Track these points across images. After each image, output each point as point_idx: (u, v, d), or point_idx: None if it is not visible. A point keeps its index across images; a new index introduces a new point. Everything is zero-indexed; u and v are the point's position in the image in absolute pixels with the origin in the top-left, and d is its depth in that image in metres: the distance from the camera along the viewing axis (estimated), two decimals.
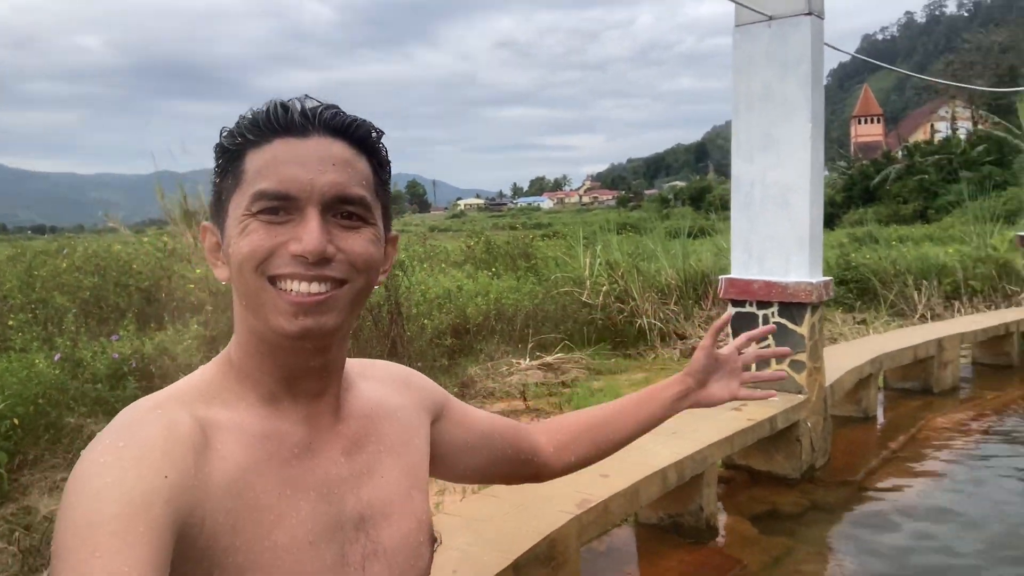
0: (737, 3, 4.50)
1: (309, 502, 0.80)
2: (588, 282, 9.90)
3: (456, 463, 1.09)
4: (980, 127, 32.00)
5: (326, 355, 0.83)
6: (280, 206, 0.77)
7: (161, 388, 0.81)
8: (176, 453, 0.71)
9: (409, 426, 0.96)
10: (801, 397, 4.29)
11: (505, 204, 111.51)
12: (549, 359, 8.44)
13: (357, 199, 0.80)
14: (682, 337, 9.51)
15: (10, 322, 6.82)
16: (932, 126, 40.66)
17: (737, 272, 4.72)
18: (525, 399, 6.91)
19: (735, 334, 4.73)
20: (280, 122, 0.79)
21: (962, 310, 9.99)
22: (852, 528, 3.72)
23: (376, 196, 0.84)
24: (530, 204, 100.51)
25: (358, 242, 0.80)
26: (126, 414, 0.75)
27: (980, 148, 28.69)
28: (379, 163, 0.85)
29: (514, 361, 8.33)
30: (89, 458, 0.70)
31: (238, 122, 0.81)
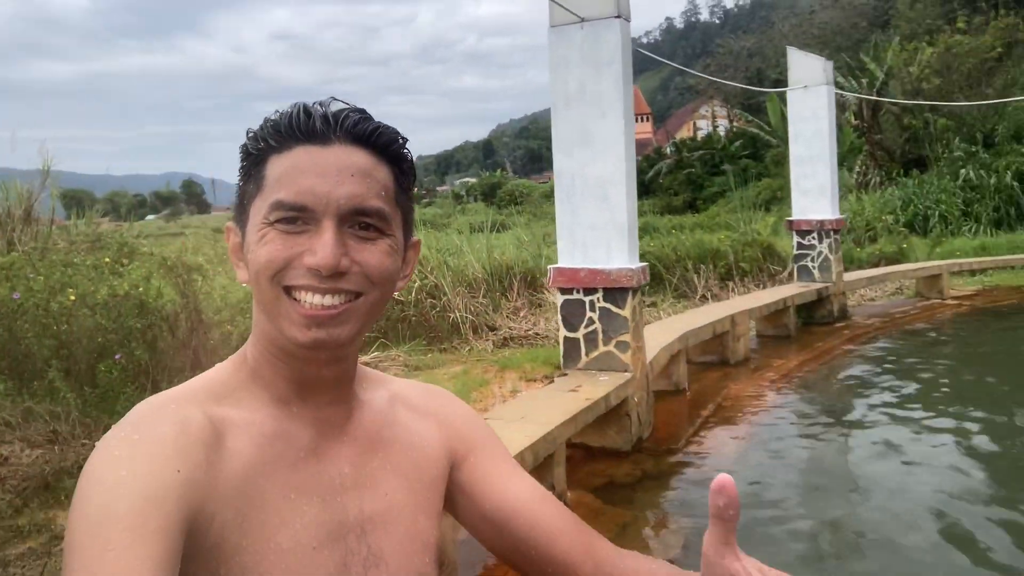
0: (552, 2, 4.67)
1: (313, 507, 0.80)
2: None
3: (468, 524, 0.98)
4: (736, 125, 35.55)
5: (339, 365, 0.84)
6: (297, 216, 0.77)
7: None
8: (188, 449, 0.72)
9: (426, 456, 0.92)
10: (627, 375, 4.57)
11: None
12: (366, 358, 8.31)
13: (374, 211, 0.79)
14: (493, 328, 9.73)
15: None
16: (695, 124, 44.54)
17: (564, 261, 4.92)
18: None
19: (565, 320, 4.95)
20: (302, 129, 0.78)
21: (736, 289, 11.04)
22: (682, 491, 4.04)
23: (396, 205, 0.84)
24: None
25: (374, 255, 0.80)
26: (139, 409, 0.75)
27: (737, 143, 31.85)
28: (401, 170, 0.85)
29: None
30: (103, 451, 0.70)
31: (262, 125, 0.80)
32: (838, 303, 8.53)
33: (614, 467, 4.31)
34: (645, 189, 34.49)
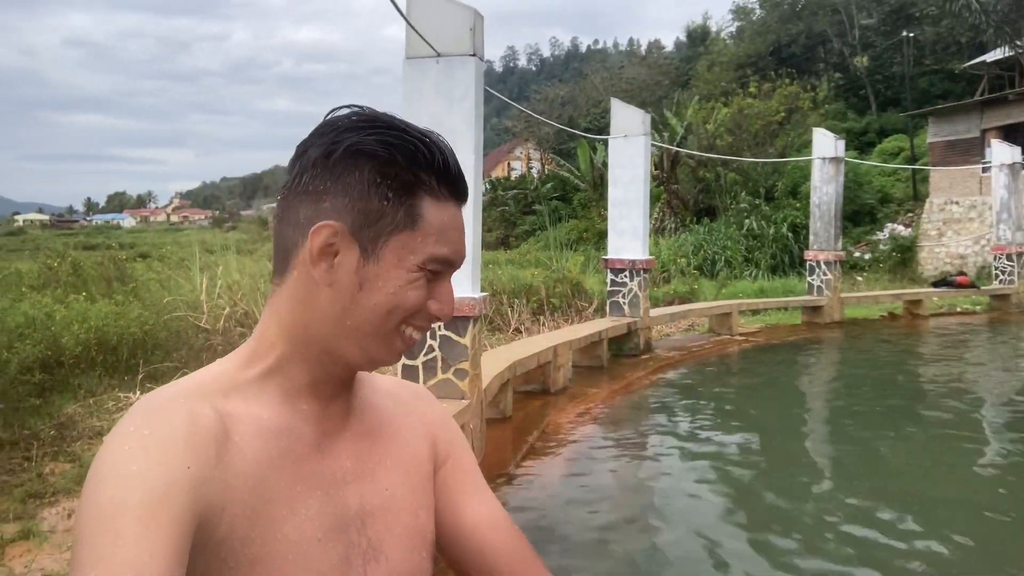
0: (409, 36, 4.67)
1: (317, 500, 0.81)
2: (206, 306, 9.28)
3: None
4: (548, 168, 37.12)
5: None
6: (440, 271, 0.83)
7: None
8: (199, 444, 0.73)
9: (421, 451, 0.95)
10: (465, 402, 4.57)
11: (77, 221, 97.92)
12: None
13: None
14: None
15: None
16: (509, 164, 45.97)
17: None
18: None
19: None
20: (457, 188, 0.84)
21: (547, 324, 11.43)
22: (514, 515, 4.08)
23: None
24: (108, 222, 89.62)
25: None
26: (148, 402, 0.76)
27: (549, 185, 33.24)
28: None
29: (122, 396, 7.46)
30: (115, 444, 0.71)
31: (419, 152, 0.80)
32: (644, 336, 9.07)
33: None
34: None
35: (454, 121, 4.73)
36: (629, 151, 9.14)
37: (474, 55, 4.75)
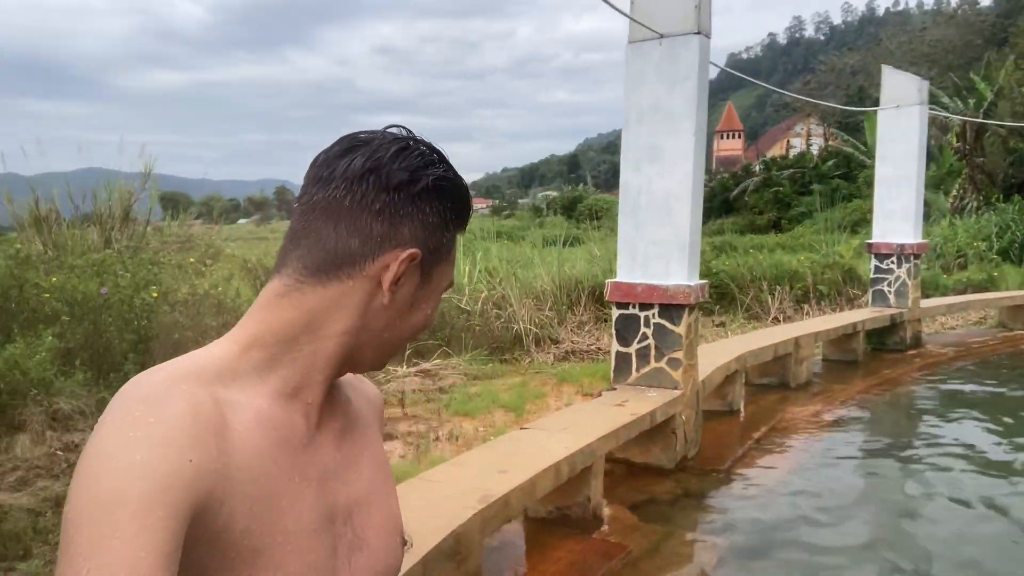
0: (631, 20, 4.70)
1: (312, 492, 0.82)
2: (467, 288, 9.95)
3: None
4: (831, 143, 34.50)
5: None
6: None
7: (8, 402, 0.78)
8: (201, 435, 0.72)
9: (379, 440, 1.00)
10: (677, 392, 4.52)
11: None
12: (427, 366, 8.43)
13: None
14: (556, 341, 9.74)
15: None
16: (788, 142, 43.43)
17: (622, 276, 4.93)
18: (403, 406, 6.88)
19: (618, 334, 4.93)
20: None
21: (811, 312, 10.71)
22: (722, 512, 3.98)
23: None
24: None
25: None
26: (147, 387, 0.74)
27: (830, 163, 30.89)
28: None
29: (391, 368, 8.28)
30: (116, 429, 0.70)
31: (466, 195, 0.88)
32: (912, 330, 8.18)
33: (655, 484, 4.29)
34: (729, 207, 33.83)
35: (674, 103, 4.66)
36: (901, 123, 8.27)
37: (699, 33, 4.64)
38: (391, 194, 0.81)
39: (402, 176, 0.81)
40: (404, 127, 0.87)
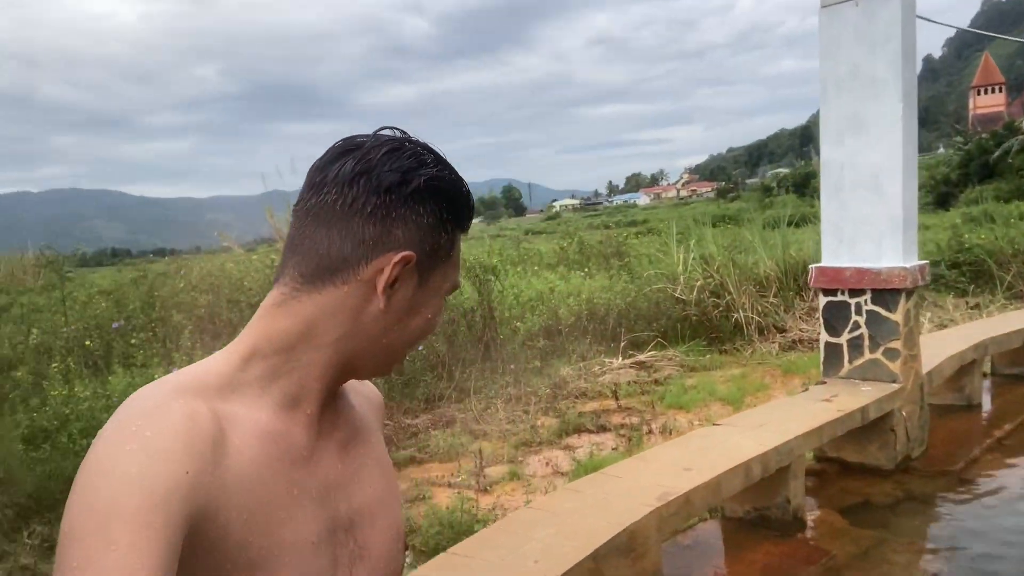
0: None
1: (312, 504, 0.82)
2: (682, 278, 9.75)
3: None
4: None
5: None
6: None
7: None
8: (197, 448, 0.72)
9: (380, 442, 0.99)
10: (895, 386, 4.15)
11: (600, 203, 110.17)
12: (642, 357, 8.39)
13: None
14: (781, 330, 9.26)
15: (132, 340, 7.36)
16: None
17: (828, 260, 4.62)
18: (617, 398, 6.91)
19: (826, 324, 4.62)
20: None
21: None
22: (948, 519, 3.62)
23: None
24: (626, 202, 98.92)
25: None
26: (147, 400, 0.75)
27: None
28: None
29: (606, 360, 8.32)
30: (113, 442, 0.71)
31: (464, 194, 0.86)
32: None
33: (871, 486, 3.98)
34: (989, 172, 30.04)
35: (876, 68, 4.28)
36: None
37: None
38: (382, 196, 0.80)
39: (393, 177, 0.80)
40: (398, 129, 0.86)
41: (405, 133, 0.85)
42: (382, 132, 0.84)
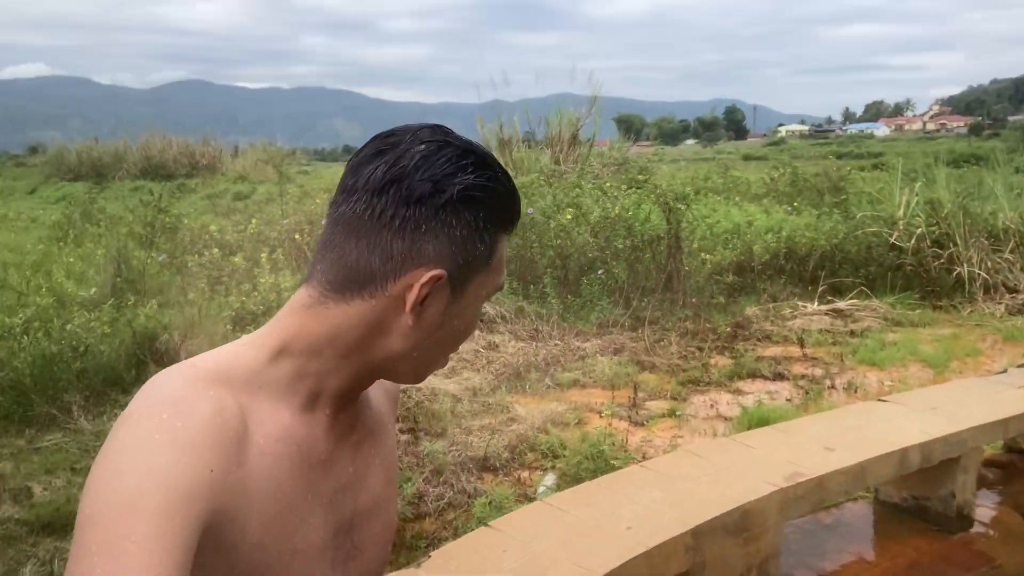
0: None
1: (323, 509, 0.82)
2: (901, 223, 8.85)
3: None
4: None
5: None
6: None
7: None
8: (224, 445, 0.72)
9: (392, 439, 0.97)
10: None
11: (833, 131, 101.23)
12: (841, 304, 7.80)
13: None
14: (1012, 291, 8.19)
15: None
16: None
17: None
18: (803, 345, 6.50)
19: None
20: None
21: None
22: None
23: None
24: (862, 131, 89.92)
25: None
26: (175, 387, 0.75)
27: None
28: None
29: (799, 304, 7.83)
30: (142, 428, 0.70)
31: (509, 191, 0.80)
32: None
33: None
34: None
35: None
36: None
37: None
38: (412, 207, 0.76)
39: (425, 187, 0.76)
40: (442, 126, 0.80)
41: (447, 131, 0.80)
42: (422, 131, 0.79)
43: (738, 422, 4.84)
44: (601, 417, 4.78)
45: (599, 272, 7.47)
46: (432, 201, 0.76)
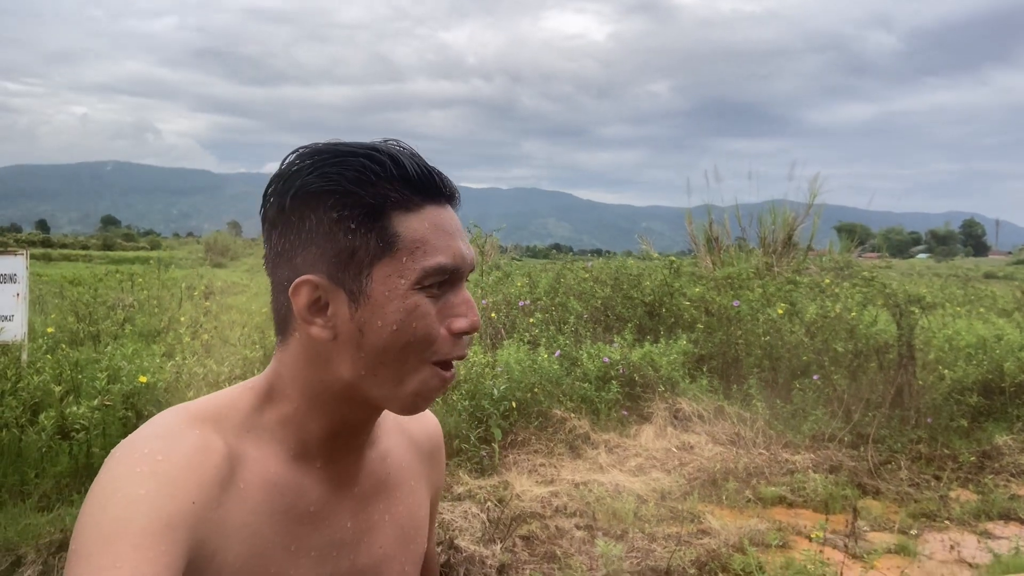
0: None
1: (309, 561, 0.79)
2: None
3: None
4: None
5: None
6: (445, 281, 0.76)
7: (641, 394, 0.69)
8: (205, 482, 0.71)
9: (419, 499, 0.92)
10: None
11: None
12: None
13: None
14: None
15: (531, 320, 7.77)
16: None
17: None
18: None
19: None
20: (430, 188, 0.76)
21: None
22: None
23: None
24: None
25: None
26: (165, 425, 0.75)
27: None
28: None
29: None
30: (125, 462, 0.70)
31: (369, 170, 0.74)
32: None
33: None
34: None
35: None
36: None
37: None
38: (276, 231, 0.76)
39: (275, 205, 0.75)
40: (319, 142, 0.77)
41: (320, 143, 0.77)
42: (289, 155, 0.77)
43: (988, 572, 3.93)
44: (811, 541, 4.06)
45: (814, 377, 6.67)
46: (281, 216, 0.75)
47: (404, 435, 0.92)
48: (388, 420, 0.91)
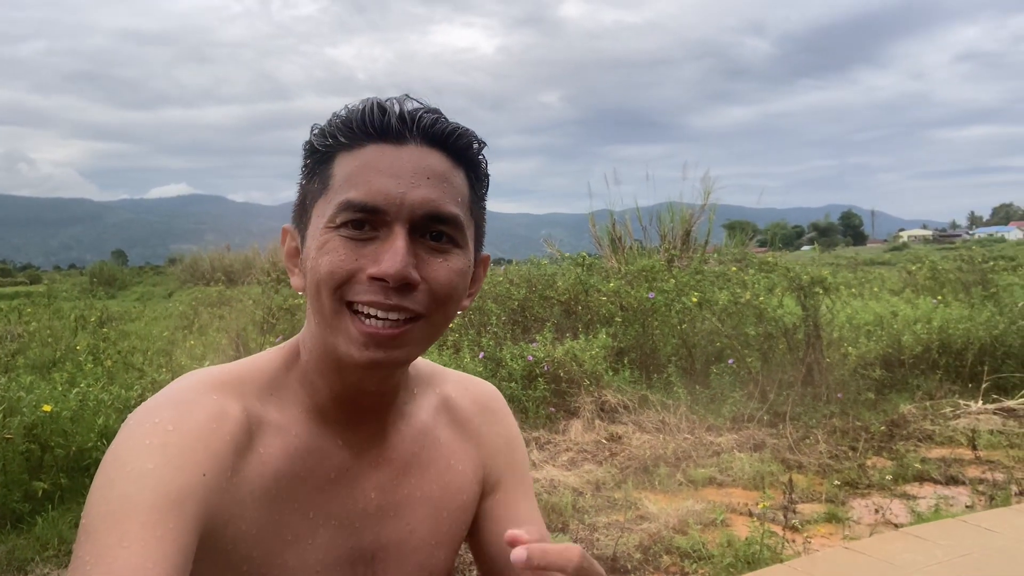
0: None
1: (329, 530, 0.77)
2: None
3: (474, 552, 0.92)
4: None
5: (389, 381, 0.80)
6: (365, 219, 0.71)
7: (567, 390, 0.61)
8: (219, 451, 0.69)
9: (460, 480, 0.87)
10: None
11: (958, 235, 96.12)
12: (1012, 403, 6.85)
13: (450, 218, 0.73)
14: None
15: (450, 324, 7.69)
16: None
17: None
18: (975, 447, 5.65)
19: None
20: (376, 126, 0.72)
21: None
22: None
23: (470, 214, 0.77)
24: (991, 235, 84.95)
25: (444, 271, 0.73)
26: (181, 391, 0.73)
27: None
28: (477, 177, 0.78)
29: (961, 402, 6.94)
30: (134, 433, 0.68)
31: (330, 121, 0.75)
32: None
33: None
34: None
35: None
36: None
37: None
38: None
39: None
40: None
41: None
42: None
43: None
44: (752, 517, 4.14)
45: (730, 362, 6.85)
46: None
47: (448, 414, 0.89)
48: (431, 397, 0.88)
